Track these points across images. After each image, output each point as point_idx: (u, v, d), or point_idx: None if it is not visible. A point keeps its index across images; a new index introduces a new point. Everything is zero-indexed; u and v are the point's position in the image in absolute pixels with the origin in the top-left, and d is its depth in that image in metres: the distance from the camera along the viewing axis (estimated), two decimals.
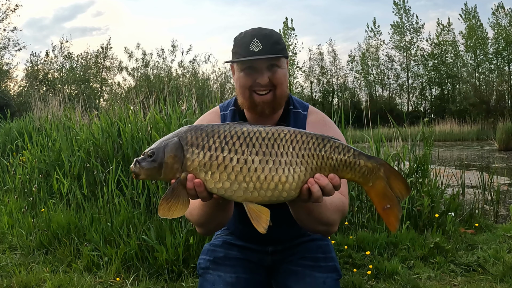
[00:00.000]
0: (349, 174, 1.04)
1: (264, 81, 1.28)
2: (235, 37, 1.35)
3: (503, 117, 17.73)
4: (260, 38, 1.27)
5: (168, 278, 2.33)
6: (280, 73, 1.30)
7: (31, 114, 6.14)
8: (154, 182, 2.96)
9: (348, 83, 32.01)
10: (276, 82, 1.29)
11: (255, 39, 1.27)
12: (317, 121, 1.41)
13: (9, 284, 2.30)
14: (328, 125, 1.41)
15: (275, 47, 1.28)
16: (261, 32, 1.30)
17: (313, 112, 1.44)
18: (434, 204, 3.02)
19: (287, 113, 1.41)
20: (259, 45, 1.26)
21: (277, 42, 1.30)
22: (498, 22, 28.05)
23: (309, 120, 1.41)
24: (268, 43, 1.27)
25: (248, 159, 1.00)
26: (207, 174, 0.99)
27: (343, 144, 1.04)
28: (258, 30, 1.31)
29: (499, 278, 2.27)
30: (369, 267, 2.41)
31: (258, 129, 1.03)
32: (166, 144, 1.01)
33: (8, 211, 3.43)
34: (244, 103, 1.34)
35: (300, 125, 1.39)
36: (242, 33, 1.33)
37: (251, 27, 1.35)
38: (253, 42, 1.27)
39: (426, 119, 3.72)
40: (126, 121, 3.68)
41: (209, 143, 1.01)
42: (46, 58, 27.60)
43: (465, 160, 8.91)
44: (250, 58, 1.26)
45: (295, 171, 1.01)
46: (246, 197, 1.00)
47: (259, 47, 1.26)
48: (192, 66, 27.13)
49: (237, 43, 1.32)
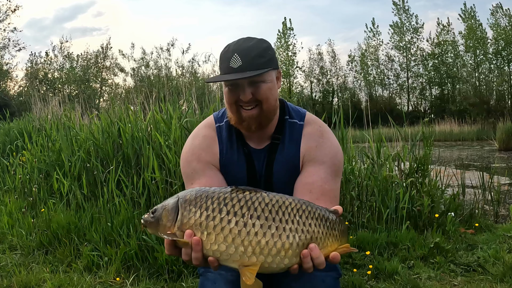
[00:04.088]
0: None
1: (246, 98, 1.23)
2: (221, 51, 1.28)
3: (503, 117, 17.74)
4: (240, 53, 1.21)
5: (168, 278, 2.33)
6: (264, 88, 1.24)
7: (31, 114, 6.14)
8: (155, 182, 2.96)
9: (348, 83, 32.04)
10: (261, 98, 1.24)
11: (235, 55, 1.21)
12: (313, 133, 1.35)
13: (9, 284, 2.30)
14: (325, 136, 1.35)
15: (256, 62, 1.21)
16: (243, 45, 1.23)
17: (310, 122, 1.37)
18: (434, 204, 3.02)
19: (283, 124, 1.36)
20: (238, 61, 1.20)
21: (260, 55, 1.22)
22: (497, 22, 28.06)
23: (305, 132, 1.35)
24: (249, 58, 1.20)
25: (248, 222, 0.96)
26: (203, 234, 0.97)
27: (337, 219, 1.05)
28: (242, 42, 1.24)
29: (499, 278, 2.27)
30: (369, 267, 2.41)
31: (261, 194, 1.01)
32: (167, 202, 1.04)
33: (8, 211, 3.43)
34: (232, 118, 1.30)
35: (296, 136, 1.35)
36: (226, 47, 1.26)
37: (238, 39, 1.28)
38: (233, 58, 1.20)
39: (426, 119, 3.72)
40: (126, 121, 3.68)
41: (207, 203, 0.99)
42: (46, 58, 27.64)
43: (465, 160, 8.91)
44: (227, 79, 1.21)
45: (300, 239, 0.99)
46: (242, 262, 0.96)
47: (238, 63, 1.20)
48: (191, 66, 27.12)
49: (221, 58, 1.26)
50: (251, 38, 1.27)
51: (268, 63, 1.24)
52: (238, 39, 1.28)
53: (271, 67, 1.25)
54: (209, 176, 1.31)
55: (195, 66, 27.16)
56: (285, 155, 1.33)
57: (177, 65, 28.02)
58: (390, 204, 2.96)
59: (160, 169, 3.01)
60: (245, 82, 1.23)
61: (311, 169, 1.30)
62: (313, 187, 1.25)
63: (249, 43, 1.24)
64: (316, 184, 1.26)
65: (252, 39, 1.27)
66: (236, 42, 1.26)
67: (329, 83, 31.94)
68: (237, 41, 1.26)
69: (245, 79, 1.22)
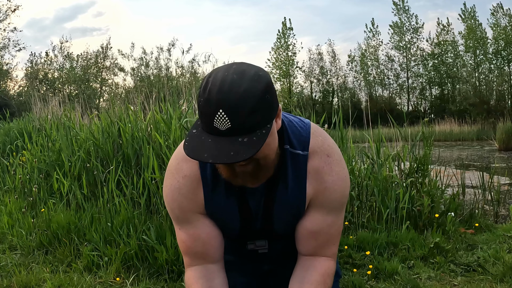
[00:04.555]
0: None
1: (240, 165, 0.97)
2: (200, 87, 0.92)
3: (503, 117, 17.73)
4: (228, 110, 0.85)
5: (168, 278, 2.33)
6: (263, 148, 0.94)
7: (31, 114, 6.14)
8: (155, 182, 2.96)
9: (348, 83, 32.04)
10: (259, 157, 0.96)
11: (220, 113, 0.86)
12: (321, 169, 1.08)
13: (9, 284, 2.29)
14: (335, 171, 1.09)
15: (250, 122, 0.87)
16: (230, 93, 0.86)
17: (316, 151, 1.09)
18: (434, 204, 3.02)
19: (283, 155, 1.08)
20: (225, 122, 0.86)
21: (254, 109, 0.87)
22: (497, 22, 28.06)
23: (311, 166, 1.09)
24: (241, 117, 0.86)
25: None
26: None
27: None
28: (228, 88, 0.86)
29: (499, 278, 2.27)
30: (369, 267, 2.41)
31: None
32: None
33: (8, 211, 3.43)
34: (221, 171, 1.02)
35: (300, 173, 1.09)
36: (207, 87, 0.88)
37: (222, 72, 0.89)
38: (218, 116, 0.86)
39: (426, 119, 3.72)
40: (126, 121, 3.68)
41: None
42: (46, 58, 27.65)
43: (465, 160, 8.91)
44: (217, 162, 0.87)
45: None
46: None
47: (226, 124, 0.86)
48: (191, 66, 27.13)
49: (200, 105, 0.90)
50: (238, 75, 0.89)
51: (267, 118, 0.91)
52: (222, 71, 0.90)
53: (271, 121, 0.93)
54: (195, 227, 1.14)
55: (195, 66, 27.19)
56: (288, 196, 1.10)
57: (177, 65, 28.06)
58: (390, 204, 2.96)
59: (160, 169, 3.01)
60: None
61: (318, 216, 1.13)
62: (319, 235, 1.14)
63: (238, 89, 0.87)
64: (323, 231, 1.14)
65: (242, 78, 0.88)
66: (219, 82, 0.88)
67: (329, 83, 31.94)
68: (221, 81, 0.88)
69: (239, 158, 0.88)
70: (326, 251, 1.17)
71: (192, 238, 1.14)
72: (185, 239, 1.16)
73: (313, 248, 1.16)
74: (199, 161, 0.95)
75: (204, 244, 1.15)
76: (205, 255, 1.16)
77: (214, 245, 1.16)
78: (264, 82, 0.90)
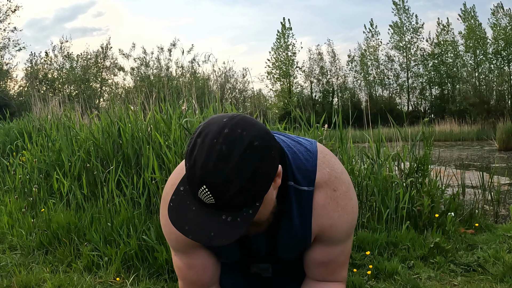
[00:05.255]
0: None
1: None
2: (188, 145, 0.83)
3: (503, 117, 17.75)
4: (210, 187, 0.78)
5: (168, 278, 2.33)
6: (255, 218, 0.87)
7: (31, 114, 6.14)
8: (155, 182, 2.96)
9: (348, 83, 32.06)
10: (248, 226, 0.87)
11: (203, 187, 0.79)
12: (327, 205, 1.02)
13: (9, 284, 2.29)
14: (341, 206, 1.03)
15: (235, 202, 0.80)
16: (215, 172, 0.77)
17: (322, 185, 1.02)
18: (434, 204, 3.02)
19: (287, 192, 1.00)
20: (210, 198, 0.80)
21: (238, 192, 0.79)
22: (497, 22, 28.07)
23: (316, 202, 1.02)
24: (224, 197, 0.79)
25: None
26: None
27: None
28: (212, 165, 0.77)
29: (499, 278, 2.27)
30: (369, 267, 2.41)
31: None
32: None
33: (8, 211, 3.43)
34: None
35: (305, 210, 1.02)
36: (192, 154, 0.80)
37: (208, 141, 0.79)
38: (201, 190, 0.79)
39: (426, 119, 3.72)
40: (126, 121, 3.68)
41: None
42: (46, 58, 27.65)
43: (465, 160, 8.91)
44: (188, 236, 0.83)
45: None
46: None
47: (209, 200, 0.80)
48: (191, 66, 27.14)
49: (187, 169, 0.82)
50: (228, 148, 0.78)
51: (257, 196, 0.83)
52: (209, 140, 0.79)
53: (261, 199, 0.85)
54: (191, 257, 1.12)
55: (195, 66, 27.20)
56: (293, 233, 1.06)
57: (177, 65, 28.07)
58: (390, 204, 2.96)
59: (160, 169, 3.01)
60: None
61: (326, 249, 1.09)
62: (328, 264, 1.12)
63: (223, 168, 0.77)
64: (332, 260, 1.11)
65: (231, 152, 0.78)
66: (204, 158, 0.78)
67: (329, 83, 31.95)
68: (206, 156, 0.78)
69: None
70: (336, 276, 1.16)
71: (187, 266, 1.15)
72: (181, 266, 1.17)
73: (323, 275, 1.15)
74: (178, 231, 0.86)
75: (198, 273, 1.16)
76: (200, 282, 1.17)
77: (208, 273, 1.17)
78: (258, 156, 0.79)
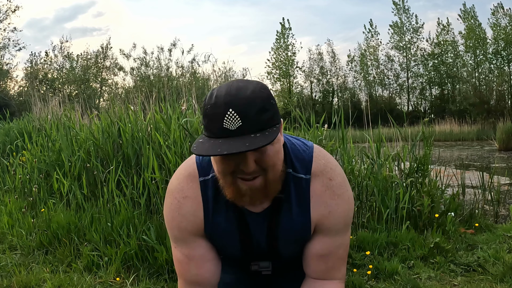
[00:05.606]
0: None
1: (249, 169, 0.93)
2: (204, 100, 0.94)
3: (503, 117, 17.76)
4: (237, 108, 0.87)
5: (168, 278, 2.33)
6: (271, 152, 0.94)
7: (31, 114, 6.14)
8: (155, 182, 2.96)
9: (348, 83, 32.06)
10: (266, 165, 0.95)
11: (230, 111, 0.87)
12: (323, 193, 1.08)
13: (9, 284, 2.29)
14: (337, 194, 1.08)
15: (261, 119, 0.89)
16: (238, 96, 0.88)
17: (318, 174, 1.08)
18: (434, 204, 3.02)
19: (286, 179, 1.06)
20: (237, 120, 0.87)
21: (262, 109, 0.89)
22: (497, 22, 28.06)
23: (313, 190, 1.07)
24: (250, 114, 0.87)
25: None
26: None
27: None
28: (235, 92, 0.89)
29: (499, 278, 2.27)
30: (369, 267, 2.41)
31: None
32: None
33: (8, 211, 3.43)
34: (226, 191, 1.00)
35: (304, 197, 1.08)
36: (212, 96, 0.91)
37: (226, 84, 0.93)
38: (227, 115, 0.87)
39: (426, 119, 3.72)
40: (126, 121, 3.68)
41: None
42: (46, 58, 27.65)
43: (465, 160, 8.92)
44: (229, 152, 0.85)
45: None
46: None
47: (237, 122, 0.87)
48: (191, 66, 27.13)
49: (207, 113, 0.91)
50: (243, 83, 0.93)
51: (274, 118, 0.93)
52: (225, 84, 0.93)
53: (278, 124, 0.94)
54: (191, 248, 1.12)
55: (195, 66, 27.19)
56: (293, 220, 1.09)
57: (177, 65, 28.07)
58: (390, 204, 2.96)
59: (160, 169, 3.01)
60: None
61: (326, 240, 1.11)
62: (329, 258, 1.13)
63: (245, 92, 0.90)
64: (332, 253, 1.13)
65: (247, 85, 0.92)
66: (225, 90, 0.91)
67: (329, 83, 31.94)
68: (227, 89, 0.91)
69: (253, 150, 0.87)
70: (336, 273, 1.15)
71: (186, 258, 1.14)
72: (181, 259, 1.15)
73: (322, 271, 1.14)
74: (212, 156, 0.94)
75: (198, 265, 1.14)
76: (199, 277, 1.14)
77: (208, 268, 1.15)
78: (267, 90, 0.94)
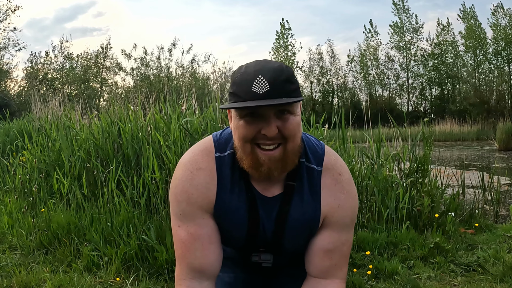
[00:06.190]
0: None
1: (271, 133, 0.97)
2: (233, 72, 1.03)
3: (503, 117, 17.76)
4: (266, 75, 0.95)
5: (168, 278, 2.33)
6: (293, 121, 1.00)
7: (31, 114, 6.14)
8: (155, 182, 2.96)
9: (348, 83, 32.06)
10: (288, 134, 0.99)
11: (259, 77, 0.95)
12: (333, 186, 1.12)
13: (9, 284, 2.29)
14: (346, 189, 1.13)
15: (287, 87, 0.97)
16: (267, 66, 0.98)
17: (329, 168, 1.12)
18: (434, 204, 3.02)
19: (299, 167, 1.09)
20: (265, 85, 0.94)
21: (288, 80, 0.97)
22: (497, 22, 28.05)
23: (324, 182, 1.11)
24: (278, 81, 0.95)
25: None
26: None
27: None
28: (264, 63, 0.99)
29: (499, 278, 2.27)
30: (369, 267, 2.41)
31: None
32: None
33: (8, 211, 3.43)
34: (244, 161, 1.03)
35: (315, 187, 1.11)
36: (242, 67, 1.01)
37: (254, 60, 1.03)
38: (257, 80, 0.95)
39: (426, 119, 3.72)
40: (126, 121, 3.68)
41: None
42: (46, 58, 27.65)
43: (465, 160, 8.91)
44: (253, 104, 0.93)
45: None
46: None
47: (265, 87, 0.94)
48: (191, 66, 27.12)
49: (236, 81, 0.99)
50: (269, 61, 1.03)
51: (298, 91, 1.00)
52: (252, 62, 1.03)
53: (301, 97, 1.01)
54: (198, 225, 1.08)
55: (195, 66, 27.19)
56: (303, 209, 1.10)
57: (177, 65, 28.06)
58: (390, 204, 2.96)
59: (160, 169, 3.01)
60: (271, 113, 0.98)
61: (333, 234, 1.12)
62: (334, 254, 1.13)
63: (273, 64, 1.00)
64: (337, 249, 1.13)
65: (274, 62, 1.02)
66: (255, 63, 1.01)
67: (329, 83, 31.94)
68: (256, 62, 1.01)
69: (276, 106, 0.96)
70: (338, 272, 1.14)
71: (192, 237, 1.07)
72: (185, 238, 1.08)
73: (326, 268, 1.13)
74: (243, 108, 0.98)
75: (204, 246, 1.08)
76: (203, 264, 1.09)
77: (214, 251, 1.09)
78: (290, 68, 1.02)
